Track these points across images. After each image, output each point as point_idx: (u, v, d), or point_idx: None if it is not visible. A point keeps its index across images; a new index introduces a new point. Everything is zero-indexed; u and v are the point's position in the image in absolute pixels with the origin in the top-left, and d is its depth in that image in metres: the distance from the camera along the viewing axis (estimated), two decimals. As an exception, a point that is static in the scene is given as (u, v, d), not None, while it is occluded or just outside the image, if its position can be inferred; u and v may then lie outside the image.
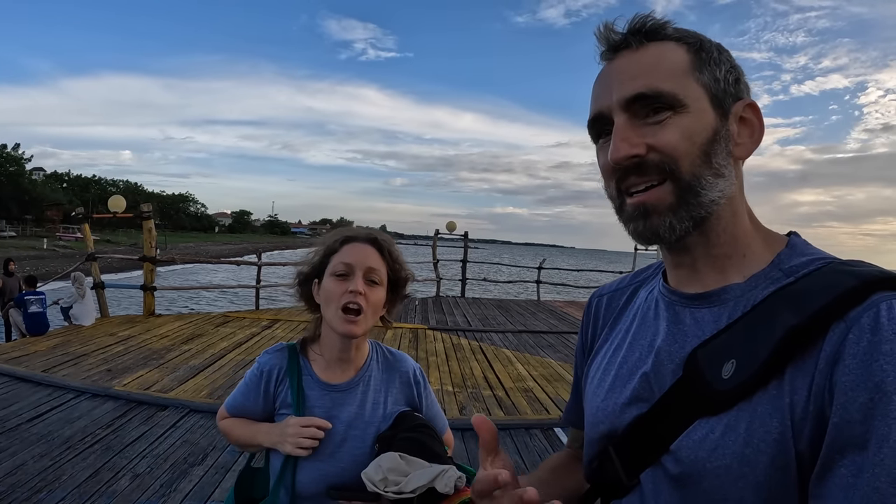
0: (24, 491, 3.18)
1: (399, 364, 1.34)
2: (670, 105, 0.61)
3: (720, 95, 0.63)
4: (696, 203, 0.62)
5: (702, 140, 0.62)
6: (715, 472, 0.58)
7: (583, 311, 0.91)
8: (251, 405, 1.28)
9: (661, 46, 0.64)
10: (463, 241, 15.50)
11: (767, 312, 0.59)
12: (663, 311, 0.71)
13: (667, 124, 0.62)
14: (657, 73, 0.62)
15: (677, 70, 0.63)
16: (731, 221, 0.65)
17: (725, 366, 0.59)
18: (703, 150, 0.62)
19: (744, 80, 0.66)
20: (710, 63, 0.64)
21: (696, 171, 0.62)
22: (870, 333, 0.51)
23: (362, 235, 1.25)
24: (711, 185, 0.62)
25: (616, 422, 0.71)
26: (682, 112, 0.61)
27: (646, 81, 0.62)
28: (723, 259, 0.66)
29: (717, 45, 0.66)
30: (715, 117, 0.63)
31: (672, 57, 0.63)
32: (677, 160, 0.61)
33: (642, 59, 0.64)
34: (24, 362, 5.91)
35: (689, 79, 0.63)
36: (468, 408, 5.14)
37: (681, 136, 0.61)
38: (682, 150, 0.61)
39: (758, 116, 0.65)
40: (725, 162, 0.63)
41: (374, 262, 1.22)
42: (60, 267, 19.26)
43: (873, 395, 0.49)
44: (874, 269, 0.57)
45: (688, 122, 0.61)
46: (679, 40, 0.65)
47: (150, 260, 9.56)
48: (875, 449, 0.48)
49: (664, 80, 0.62)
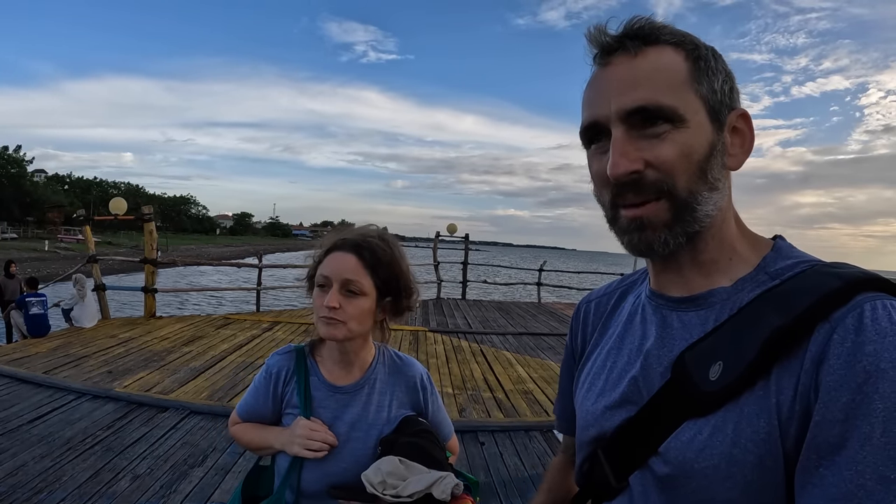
0: (24, 491, 3.18)
1: (406, 368, 1.35)
2: (669, 119, 0.60)
3: (717, 107, 0.62)
4: (691, 219, 0.62)
5: (699, 156, 0.61)
6: (703, 473, 0.59)
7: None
8: (261, 407, 1.29)
9: (659, 52, 0.62)
10: (464, 243, 15.50)
11: (753, 314, 0.60)
12: (651, 315, 0.71)
13: (665, 139, 0.60)
14: (657, 83, 0.61)
15: (677, 81, 0.61)
16: (719, 229, 0.66)
17: (713, 367, 0.60)
18: (699, 167, 0.61)
19: (736, 88, 0.65)
20: (708, 73, 0.63)
21: (693, 188, 0.61)
22: (854, 334, 0.52)
23: (348, 243, 1.21)
24: (706, 200, 0.62)
25: (605, 425, 0.72)
26: (680, 127, 0.60)
27: (646, 94, 0.60)
28: (709, 264, 0.66)
29: (713, 51, 0.64)
30: (712, 131, 0.62)
31: (671, 65, 0.62)
32: (674, 178, 0.60)
33: (641, 67, 0.62)
34: (25, 364, 5.92)
35: (688, 90, 0.61)
36: (468, 409, 5.14)
37: (679, 153, 0.60)
38: (679, 168, 0.60)
39: (749, 126, 0.65)
40: (720, 175, 0.63)
41: (351, 273, 1.18)
42: (62, 269, 19.28)
43: (856, 395, 0.50)
44: (857, 271, 0.58)
45: (686, 138, 0.60)
46: (677, 45, 0.63)
47: (152, 262, 9.57)
48: (857, 447, 0.49)
49: (665, 93, 0.60)
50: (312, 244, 1.30)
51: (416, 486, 1.08)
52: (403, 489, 1.08)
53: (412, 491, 1.08)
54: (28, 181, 64.41)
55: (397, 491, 1.08)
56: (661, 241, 0.63)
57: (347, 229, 1.29)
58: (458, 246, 15.81)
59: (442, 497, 1.09)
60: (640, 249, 0.64)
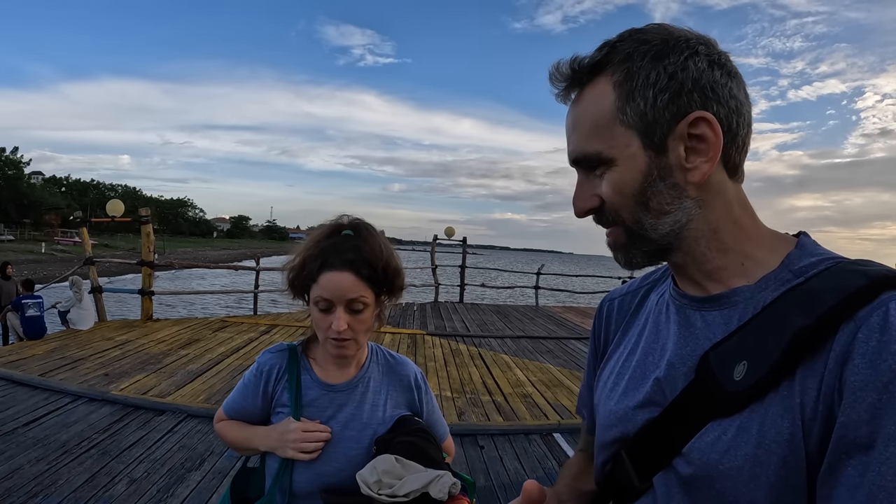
0: (20, 495, 3.16)
1: (400, 367, 1.33)
2: (600, 162, 0.65)
3: (649, 130, 0.61)
4: (645, 241, 0.66)
5: (632, 190, 0.64)
6: (727, 474, 0.58)
7: (582, 316, 0.93)
8: (249, 406, 1.27)
9: (592, 90, 0.65)
10: (461, 246, 15.50)
11: (777, 313, 0.59)
12: (674, 315, 0.71)
13: (603, 178, 0.65)
14: (583, 131, 0.65)
15: (601, 122, 0.64)
16: (714, 237, 0.65)
17: (737, 367, 0.59)
18: (636, 199, 0.64)
19: (694, 86, 0.60)
20: (633, 95, 0.61)
21: (636, 217, 0.65)
22: (879, 333, 0.51)
23: (339, 260, 1.14)
24: (655, 226, 0.64)
25: (628, 425, 0.71)
26: (611, 166, 0.64)
27: (576, 144, 0.66)
28: (717, 272, 0.66)
29: (656, 54, 0.61)
30: (646, 159, 0.62)
31: (597, 105, 0.64)
32: (618, 211, 0.65)
33: (575, 117, 0.67)
34: (21, 366, 5.89)
35: (613, 126, 0.63)
36: (467, 413, 5.13)
37: (612, 190, 0.65)
38: (618, 204, 0.65)
39: (711, 127, 0.60)
40: (670, 199, 0.63)
41: (353, 292, 1.13)
42: (59, 271, 19.22)
43: (881, 394, 0.49)
44: (883, 269, 0.57)
45: (616, 176, 0.64)
46: (612, 70, 0.63)
47: (149, 264, 9.54)
48: (882, 448, 0.48)
49: (589, 139, 0.65)
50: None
51: (412, 484, 1.07)
52: (399, 488, 1.06)
53: (408, 490, 1.06)
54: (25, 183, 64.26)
55: (393, 490, 1.06)
56: (629, 258, 0.69)
57: (327, 240, 1.18)
58: (456, 249, 15.82)
59: (439, 496, 1.07)
60: (620, 264, 0.71)
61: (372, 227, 1.22)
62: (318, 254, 1.16)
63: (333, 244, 1.16)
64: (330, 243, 1.16)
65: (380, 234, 1.23)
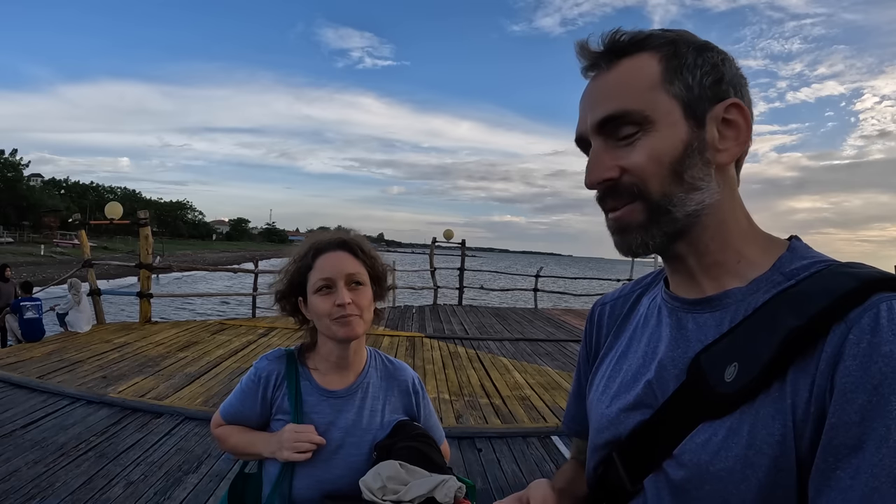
0: (17, 497, 3.15)
1: (398, 373, 1.34)
2: (637, 122, 0.62)
3: (693, 103, 0.62)
4: (667, 220, 0.63)
5: (671, 158, 0.62)
6: (718, 476, 0.58)
7: (581, 318, 0.92)
8: (248, 411, 1.27)
9: (633, 61, 0.64)
10: (460, 249, 15.50)
11: (769, 315, 0.59)
12: (666, 317, 0.71)
13: (636, 145, 0.62)
14: (625, 91, 0.63)
15: (646, 85, 0.62)
16: (719, 229, 0.65)
17: (728, 369, 0.59)
18: (672, 169, 0.62)
19: (730, 79, 0.64)
20: (682, 70, 0.62)
21: (666, 191, 0.62)
22: (870, 334, 0.51)
23: (333, 243, 1.23)
24: (683, 201, 0.62)
25: (620, 428, 0.71)
26: (650, 130, 0.62)
27: (613, 103, 0.63)
28: (715, 266, 0.66)
29: (699, 46, 0.64)
30: (687, 129, 0.62)
31: (642, 71, 0.63)
32: (646, 181, 0.62)
33: (611, 80, 0.64)
34: (19, 368, 5.87)
35: (658, 92, 0.62)
36: (465, 416, 5.12)
37: (648, 157, 0.62)
38: (649, 172, 0.62)
39: (743, 116, 0.63)
40: (702, 174, 0.62)
41: (351, 267, 1.21)
42: (57, 273, 19.19)
43: (872, 396, 0.49)
44: (874, 271, 0.57)
45: (655, 142, 0.62)
46: (655, 49, 0.63)
47: (147, 267, 9.53)
48: (873, 450, 0.48)
49: (631, 98, 0.62)
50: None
51: (418, 490, 1.06)
52: (405, 494, 1.06)
53: (414, 495, 1.06)
54: (24, 185, 64.30)
55: (398, 496, 1.06)
56: (638, 243, 0.65)
57: (315, 237, 1.28)
58: (455, 252, 15.82)
59: (445, 501, 1.07)
60: (623, 250, 0.67)
61: (355, 231, 1.33)
62: (307, 250, 1.24)
63: (321, 237, 1.26)
64: (317, 239, 1.25)
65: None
